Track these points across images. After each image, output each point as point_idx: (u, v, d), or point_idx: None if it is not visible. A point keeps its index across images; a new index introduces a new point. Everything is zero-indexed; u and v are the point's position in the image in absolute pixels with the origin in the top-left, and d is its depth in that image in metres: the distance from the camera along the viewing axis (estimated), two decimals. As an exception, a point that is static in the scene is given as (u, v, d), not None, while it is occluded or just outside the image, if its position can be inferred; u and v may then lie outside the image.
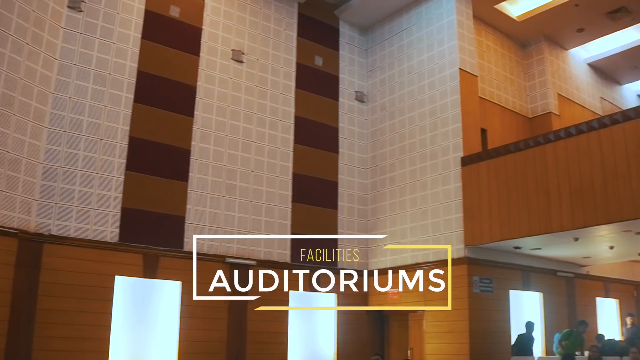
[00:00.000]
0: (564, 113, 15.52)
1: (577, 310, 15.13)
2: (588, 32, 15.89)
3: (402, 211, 13.57)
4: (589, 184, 10.46)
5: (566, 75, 16.27)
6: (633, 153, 9.99)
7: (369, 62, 15.37)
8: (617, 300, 17.15)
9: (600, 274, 16.33)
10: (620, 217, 10.09)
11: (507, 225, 11.52)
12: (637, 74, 18.43)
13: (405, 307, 12.97)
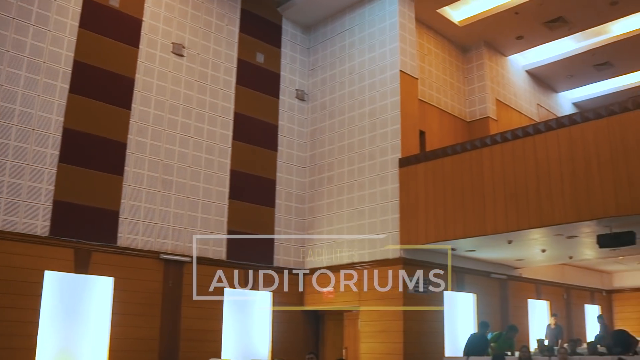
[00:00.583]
0: (501, 118, 16.00)
1: (510, 311, 15.61)
2: (527, 40, 16.41)
3: (339, 210, 13.75)
4: (523, 188, 10.83)
5: (505, 81, 16.77)
6: (566, 159, 10.39)
7: (310, 60, 15.50)
8: (548, 302, 17.80)
9: (532, 276, 16.90)
10: (552, 221, 10.49)
11: (443, 227, 11.82)
12: (572, 83, 19.12)
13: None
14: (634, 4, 14.70)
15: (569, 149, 10.42)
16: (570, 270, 18.99)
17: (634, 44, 16.56)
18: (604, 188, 9.88)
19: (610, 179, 9.85)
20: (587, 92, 19.93)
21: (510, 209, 10.92)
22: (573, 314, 19.31)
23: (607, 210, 9.85)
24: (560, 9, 14.80)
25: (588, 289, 20.68)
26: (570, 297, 19.21)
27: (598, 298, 21.52)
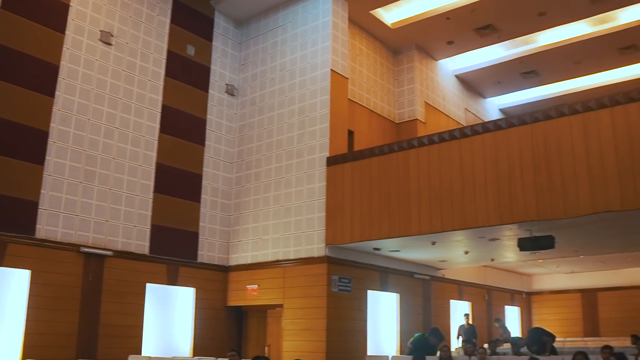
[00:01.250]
0: (429, 121, 16.35)
1: (432, 311, 15.96)
2: (457, 45, 16.82)
3: (265, 207, 13.80)
4: (448, 190, 11.12)
5: (434, 84, 17.15)
6: (490, 164, 10.74)
7: (242, 55, 15.48)
8: (470, 303, 18.27)
9: (455, 277, 17.34)
10: (475, 223, 10.81)
11: (368, 227, 12.01)
12: (500, 89, 19.70)
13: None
14: (561, 16, 15.28)
15: (493, 154, 10.76)
16: (492, 272, 19.58)
17: (559, 54, 17.20)
18: (526, 193, 10.25)
19: (531, 184, 10.23)
20: (514, 99, 20.58)
21: (435, 210, 11.19)
22: (494, 314, 19.86)
23: (528, 215, 10.22)
24: (491, 17, 15.25)
25: (508, 291, 21.36)
26: (491, 298, 19.79)
27: (518, 300, 22.26)
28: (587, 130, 9.89)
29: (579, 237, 12.74)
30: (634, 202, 9.27)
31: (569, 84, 19.51)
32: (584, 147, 9.84)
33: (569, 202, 9.80)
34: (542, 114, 10.46)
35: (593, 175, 9.65)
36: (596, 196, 9.57)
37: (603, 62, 18.10)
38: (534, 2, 14.57)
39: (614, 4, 14.92)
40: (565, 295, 22.74)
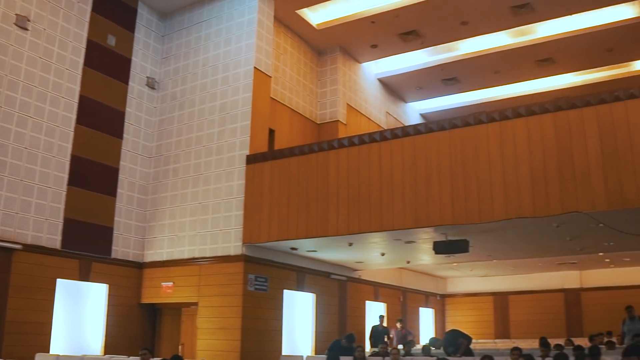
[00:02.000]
0: (350, 123, 16.55)
1: (347, 312, 16.14)
2: (381, 49, 17.09)
3: (183, 204, 13.67)
4: (366, 192, 11.29)
5: (356, 87, 17.36)
6: (409, 167, 10.97)
7: (164, 48, 15.27)
8: (385, 304, 18.55)
9: (371, 279, 17.59)
10: (392, 226, 11.01)
11: (286, 226, 12.06)
12: (421, 94, 20.11)
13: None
14: (483, 25, 15.78)
15: (412, 158, 10.99)
16: (407, 274, 19.98)
17: (480, 63, 17.74)
18: (442, 197, 10.53)
19: (448, 189, 10.51)
20: (435, 105, 21.06)
21: (353, 212, 11.34)
22: (408, 316, 20.26)
23: (444, 219, 10.50)
24: (415, 23, 15.57)
25: (423, 293, 21.82)
26: (406, 300, 20.17)
27: (432, 302, 22.77)
28: (503, 138, 10.24)
29: (492, 242, 13.16)
30: (545, 209, 9.67)
31: (488, 93, 20.13)
32: (499, 155, 10.19)
33: (484, 207, 10.12)
34: (461, 121, 10.76)
35: (507, 182, 10.00)
36: (510, 202, 9.93)
37: (521, 73, 18.76)
38: (457, 11, 14.98)
39: (533, 17, 15.50)
40: (478, 297, 23.42)
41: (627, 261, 18.94)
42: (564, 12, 15.35)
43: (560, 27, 16.21)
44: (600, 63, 18.34)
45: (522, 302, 22.66)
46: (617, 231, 10.97)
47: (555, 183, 9.61)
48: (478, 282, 23.18)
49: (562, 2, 14.73)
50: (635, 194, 9.05)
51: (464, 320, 23.48)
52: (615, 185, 9.21)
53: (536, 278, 22.24)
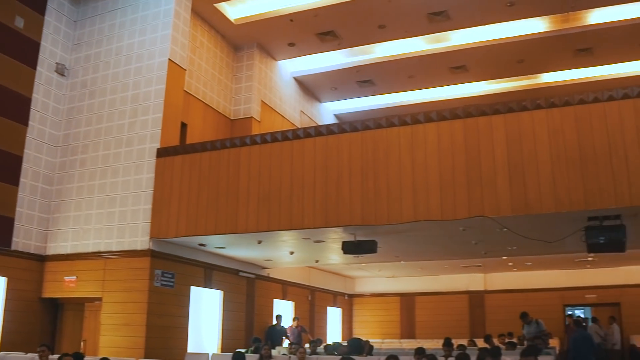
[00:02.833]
0: (264, 120, 16.50)
1: (255, 310, 16.10)
2: (298, 48, 17.11)
3: (89, 196, 13.27)
4: (277, 190, 11.27)
5: (272, 84, 17.32)
6: (320, 167, 11.02)
7: (76, 34, 14.77)
8: (293, 303, 18.60)
9: (279, 277, 17.60)
10: (302, 225, 11.03)
11: (195, 222, 11.90)
12: (336, 95, 20.27)
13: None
14: (399, 30, 16.04)
15: (324, 158, 11.04)
16: (316, 273, 20.09)
17: (395, 67, 18.03)
18: (352, 198, 10.62)
19: (358, 189, 10.61)
20: (349, 106, 21.24)
21: (263, 209, 11.31)
22: (316, 315, 20.38)
23: (353, 219, 10.59)
24: (333, 24, 15.66)
25: (332, 292, 22.00)
26: (314, 299, 20.29)
27: (340, 301, 22.98)
28: (414, 142, 10.42)
29: (400, 243, 13.39)
30: (452, 213, 9.90)
31: (403, 97, 20.46)
32: (410, 158, 10.37)
33: (393, 209, 10.27)
34: (373, 123, 10.89)
35: (417, 185, 10.19)
36: (418, 205, 10.11)
37: (435, 79, 19.19)
38: (376, 14, 15.16)
39: (448, 25, 15.88)
40: (386, 298, 23.79)
41: (529, 265, 19.71)
42: (479, 22, 15.80)
43: (474, 37, 16.68)
44: (511, 73, 18.99)
45: (428, 303, 23.16)
46: (520, 236, 11.35)
47: (463, 187, 9.86)
48: (386, 283, 23.54)
49: (477, 12, 15.17)
50: (538, 200, 9.40)
51: (371, 320, 23.84)
52: (519, 191, 9.53)
53: (442, 280, 22.78)
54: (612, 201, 9.10)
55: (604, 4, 15.08)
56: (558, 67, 18.58)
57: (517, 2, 14.73)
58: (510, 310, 19.98)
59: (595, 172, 9.22)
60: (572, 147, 9.44)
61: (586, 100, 9.60)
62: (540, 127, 9.69)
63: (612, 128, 9.32)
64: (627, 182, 9.04)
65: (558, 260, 18.05)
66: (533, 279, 21.60)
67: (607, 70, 18.58)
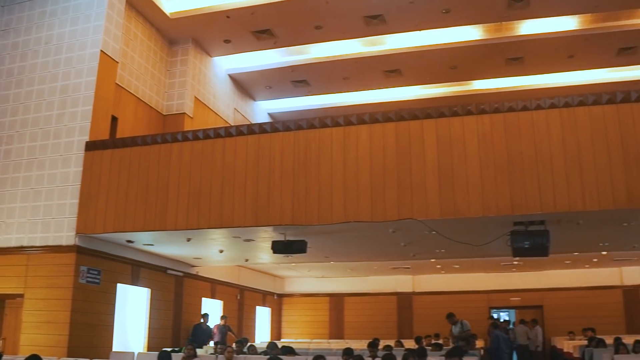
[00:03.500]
0: (197, 116, 16.28)
1: (183, 308, 15.91)
2: (234, 45, 16.98)
3: (13, 188, 12.78)
4: (207, 188, 11.15)
5: (206, 80, 17.12)
6: (252, 165, 10.97)
7: (4, 20, 14.21)
8: (222, 302, 18.48)
9: (208, 276, 17.46)
10: (232, 223, 10.95)
11: (123, 218, 11.65)
12: (271, 94, 20.20)
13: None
14: (336, 32, 16.10)
15: (255, 156, 11.00)
16: (246, 272, 20.00)
17: (330, 68, 18.10)
18: (283, 197, 10.62)
19: (289, 189, 10.61)
20: (283, 105, 21.19)
21: (193, 207, 11.17)
22: (245, 314, 20.30)
23: (284, 219, 10.58)
24: (270, 22, 15.60)
25: (261, 292, 21.95)
26: (243, 298, 20.19)
27: (270, 301, 22.96)
28: (347, 143, 10.50)
29: (330, 244, 13.46)
30: (382, 214, 10.03)
31: (337, 98, 20.54)
32: (342, 159, 10.44)
33: (323, 209, 10.32)
34: (306, 123, 10.92)
35: (348, 186, 10.26)
36: (349, 206, 10.19)
37: (369, 82, 19.35)
38: (313, 14, 15.18)
39: (384, 29, 16.04)
40: (315, 298, 23.89)
41: (457, 268, 20.13)
42: (414, 27, 16.01)
43: (409, 41, 16.90)
44: (444, 79, 19.32)
45: (357, 304, 23.37)
46: (448, 239, 11.58)
47: (393, 190, 9.99)
48: (315, 283, 23.63)
49: (413, 17, 15.36)
50: (466, 204, 9.62)
51: (300, 320, 23.90)
52: (448, 195, 9.73)
53: (371, 281, 23.02)
54: (537, 207, 9.39)
55: (536, 15, 15.53)
56: (490, 75, 19.03)
57: (452, 10, 15.01)
58: (438, 312, 20.29)
59: (522, 178, 9.50)
60: (501, 154, 9.71)
61: (515, 108, 9.89)
62: (471, 133, 9.91)
63: (539, 136, 9.63)
64: (552, 188, 9.34)
65: (485, 263, 18.50)
66: (460, 281, 22.09)
67: (537, 80, 19.15)
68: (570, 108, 9.68)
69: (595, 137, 9.46)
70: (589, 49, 17.16)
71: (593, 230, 11.99)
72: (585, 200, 9.24)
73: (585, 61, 18.00)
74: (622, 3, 15.04)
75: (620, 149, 9.31)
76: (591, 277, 21.22)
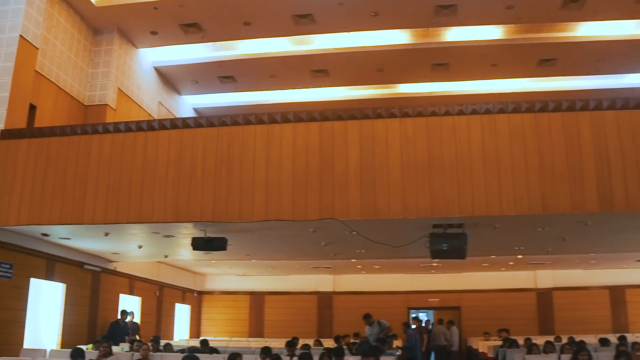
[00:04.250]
0: (120, 108, 15.83)
1: (99, 304, 15.53)
2: (161, 37, 16.64)
3: None
4: (127, 182, 10.85)
5: (131, 72, 16.68)
6: (173, 160, 10.74)
7: None
8: (140, 298, 18.13)
9: (127, 271, 17.09)
10: (151, 218, 10.69)
11: (38, 210, 11.18)
12: (197, 89, 19.91)
13: None
14: (265, 29, 15.99)
15: (178, 151, 10.79)
16: (165, 269, 19.68)
17: (257, 65, 17.99)
18: (205, 193, 10.46)
19: (211, 185, 10.47)
20: (209, 101, 20.91)
21: (112, 201, 10.85)
22: (164, 311, 19.97)
23: (204, 215, 10.41)
24: (198, 16, 15.35)
25: (181, 289, 21.64)
26: (162, 294, 19.86)
27: (190, 298, 22.66)
28: (270, 141, 10.46)
29: (251, 242, 13.40)
30: (303, 214, 10.03)
31: (264, 96, 20.46)
32: (265, 157, 10.38)
33: (245, 207, 10.23)
34: (230, 119, 10.82)
35: (270, 184, 10.22)
36: (270, 204, 10.14)
37: (297, 81, 19.32)
38: (242, 10, 15.03)
39: (313, 29, 16.05)
40: (236, 296, 23.77)
41: (377, 268, 20.35)
42: (343, 28, 16.10)
43: (337, 42, 16.98)
44: (370, 81, 19.51)
45: (277, 302, 23.37)
46: (369, 240, 11.68)
47: (315, 189, 10.01)
48: (236, 281, 23.50)
49: (342, 18, 15.42)
50: (387, 206, 9.73)
51: (220, 318, 23.71)
52: (369, 196, 9.82)
53: (292, 280, 23.06)
54: (456, 210, 9.60)
55: (462, 23, 15.88)
56: (415, 79, 19.33)
57: (381, 13, 15.15)
58: (358, 312, 20.40)
59: (442, 182, 9.69)
60: (422, 157, 9.87)
61: (438, 112, 10.08)
62: (393, 136, 10.04)
63: (460, 141, 9.85)
64: (471, 193, 9.56)
65: (404, 264, 18.77)
66: (380, 281, 22.37)
67: (461, 87, 19.58)
68: (490, 115, 9.95)
69: (513, 144, 9.75)
70: (512, 59, 17.67)
71: (509, 235, 12.34)
72: (503, 205, 9.51)
73: (507, 70, 18.53)
74: (544, 16, 15.53)
75: (536, 156, 9.63)
76: (507, 279, 21.90)
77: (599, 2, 14.62)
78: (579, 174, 9.49)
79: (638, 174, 9.43)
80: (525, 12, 15.13)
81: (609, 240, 13.21)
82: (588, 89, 19.17)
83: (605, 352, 11.23)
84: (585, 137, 9.69)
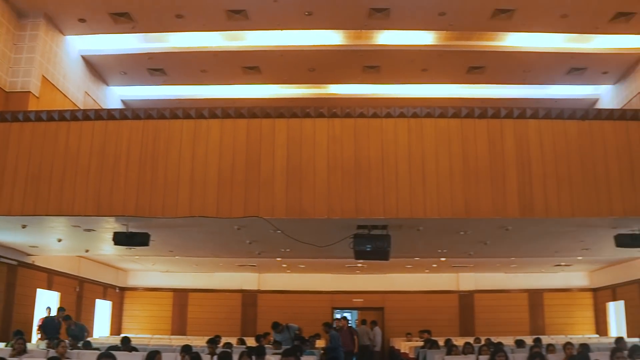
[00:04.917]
0: (44, 97, 15.22)
1: (15, 300, 15.05)
2: (89, 26, 16.08)
3: None
4: (47, 173, 10.44)
5: (57, 59, 16.06)
6: (97, 152, 10.42)
7: None
8: (59, 293, 17.63)
9: (45, 265, 16.59)
10: (71, 211, 10.35)
11: (-50, 201, 10.72)
12: (125, 80, 19.38)
13: None
14: (197, 23, 15.64)
15: (101, 143, 10.49)
16: (86, 264, 19.18)
17: (188, 59, 17.67)
18: (128, 187, 10.21)
19: (135, 179, 10.22)
20: (138, 93, 20.42)
21: (30, 192, 10.44)
22: (84, 307, 19.49)
23: (127, 209, 10.17)
24: (129, 5, 14.91)
25: (102, 284, 21.16)
26: (82, 290, 19.37)
27: (111, 294, 22.20)
28: (197, 136, 10.34)
29: (175, 238, 13.25)
30: (228, 211, 9.95)
31: (194, 90, 20.12)
32: (190, 152, 10.25)
33: (168, 202, 10.07)
34: (157, 112, 10.63)
35: (195, 180, 10.09)
36: (195, 200, 10.02)
37: (228, 77, 19.08)
38: (174, 2, 14.64)
39: (246, 25, 15.81)
40: (159, 293, 23.46)
41: (303, 268, 20.38)
42: (276, 26, 15.97)
43: (270, 40, 16.85)
44: (302, 80, 19.45)
45: (201, 300, 23.19)
46: (293, 239, 11.66)
47: (241, 187, 9.94)
48: (159, 277, 23.19)
49: (276, 16, 15.30)
50: (312, 205, 9.75)
51: (142, 315, 23.36)
52: (295, 195, 9.81)
53: (217, 277, 22.93)
54: (380, 212, 9.69)
55: (395, 27, 15.99)
56: (346, 80, 19.39)
57: (315, 13, 15.12)
58: (282, 311, 20.69)
59: (368, 183, 9.78)
60: (349, 158, 9.94)
61: (366, 114, 10.16)
62: (321, 136, 10.07)
63: (387, 143, 9.96)
64: (396, 195, 9.66)
65: (330, 264, 18.85)
66: (305, 281, 22.44)
67: (391, 90, 19.74)
68: (418, 119, 10.09)
69: (439, 149, 9.91)
70: (442, 65, 17.94)
71: (433, 237, 12.53)
72: (426, 208, 9.65)
73: (437, 76, 18.80)
74: (474, 25, 15.83)
75: (461, 161, 9.81)
76: (430, 281, 22.33)
77: (527, 15, 15.01)
78: (501, 180, 9.73)
79: (557, 182, 9.75)
80: (456, 20, 15.38)
81: (528, 245, 13.61)
82: (514, 97, 19.68)
83: (521, 353, 11.55)
84: (509, 145, 9.94)
